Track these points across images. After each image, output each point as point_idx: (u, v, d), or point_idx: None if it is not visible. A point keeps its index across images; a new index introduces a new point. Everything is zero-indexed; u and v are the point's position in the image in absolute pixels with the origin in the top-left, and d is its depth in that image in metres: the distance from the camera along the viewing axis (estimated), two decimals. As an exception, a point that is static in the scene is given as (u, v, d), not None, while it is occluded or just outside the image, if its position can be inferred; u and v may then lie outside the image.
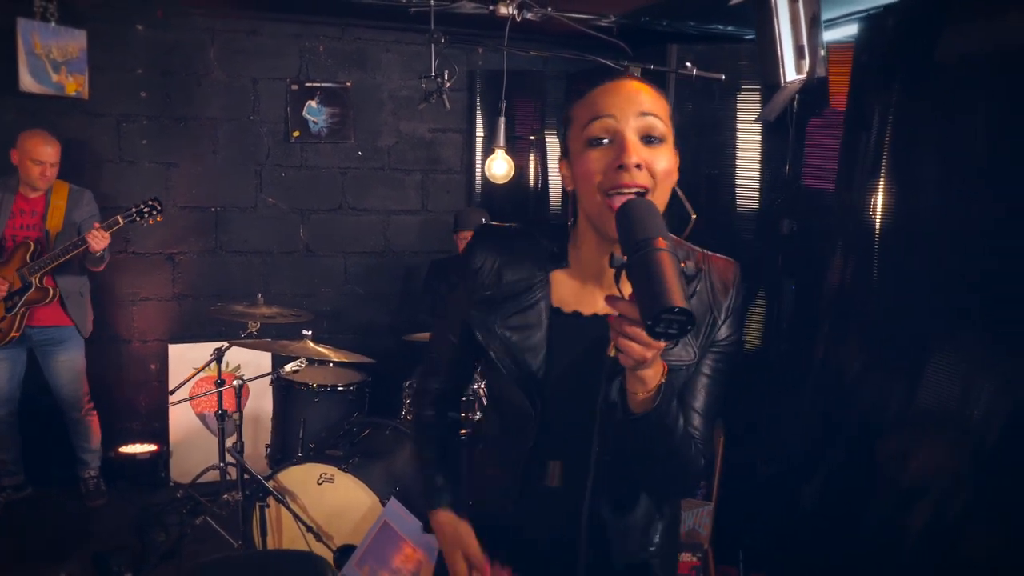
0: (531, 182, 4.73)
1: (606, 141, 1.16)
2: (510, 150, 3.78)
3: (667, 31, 4.04)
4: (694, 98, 3.60)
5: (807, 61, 2.86)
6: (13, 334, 3.58)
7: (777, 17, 2.93)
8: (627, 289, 1.02)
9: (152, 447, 4.16)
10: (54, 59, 3.87)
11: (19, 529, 3.61)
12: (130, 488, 4.02)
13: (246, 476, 3.20)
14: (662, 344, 1.02)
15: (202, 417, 4.21)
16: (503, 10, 3.76)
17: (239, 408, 3.35)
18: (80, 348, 3.82)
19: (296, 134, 4.39)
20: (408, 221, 4.69)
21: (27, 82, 3.79)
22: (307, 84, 4.38)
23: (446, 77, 3.54)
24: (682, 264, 1.07)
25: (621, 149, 1.14)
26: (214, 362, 3.44)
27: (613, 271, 1.05)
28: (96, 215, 3.72)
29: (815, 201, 3.26)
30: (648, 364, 1.06)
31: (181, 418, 4.19)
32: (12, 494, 3.81)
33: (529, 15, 3.84)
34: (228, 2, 3.99)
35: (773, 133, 3.45)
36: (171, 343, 4.26)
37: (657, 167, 1.16)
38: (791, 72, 2.92)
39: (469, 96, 4.64)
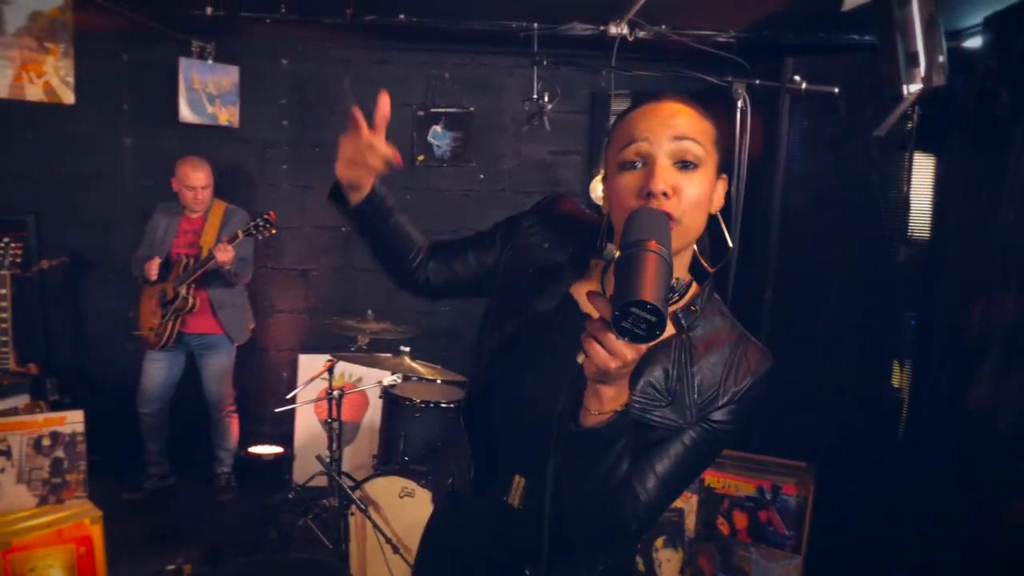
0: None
1: (639, 165, 1.13)
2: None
3: (794, 44, 3.79)
4: (812, 114, 3.35)
5: (922, 69, 2.56)
6: (169, 339, 3.99)
7: (894, 23, 2.66)
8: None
9: (278, 449, 4.46)
10: (210, 93, 4.31)
11: (157, 514, 4.00)
12: (258, 486, 4.32)
13: (348, 478, 3.36)
14: (628, 357, 0.96)
15: (323, 424, 4.45)
16: (613, 30, 3.71)
17: (339, 417, 3.51)
18: (228, 354, 4.17)
19: (421, 158, 4.58)
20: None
21: (185, 114, 4.25)
22: (432, 110, 4.55)
23: (546, 99, 3.54)
24: (675, 278, 1.02)
25: (650, 174, 1.11)
26: (327, 372, 3.65)
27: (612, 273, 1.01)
28: None
29: (947, 224, 2.91)
30: (611, 379, 1.00)
31: (306, 423, 4.46)
32: (158, 482, 4.24)
33: (641, 34, 3.76)
34: (361, 35, 4.24)
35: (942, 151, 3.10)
36: (301, 353, 4.55)
37: (687, 192, 1.11)
38: (907, 82, 2.63)
39: (590, 118, 4.61)
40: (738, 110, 2.87)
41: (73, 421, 3.08)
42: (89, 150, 4.48)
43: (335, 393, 3.43)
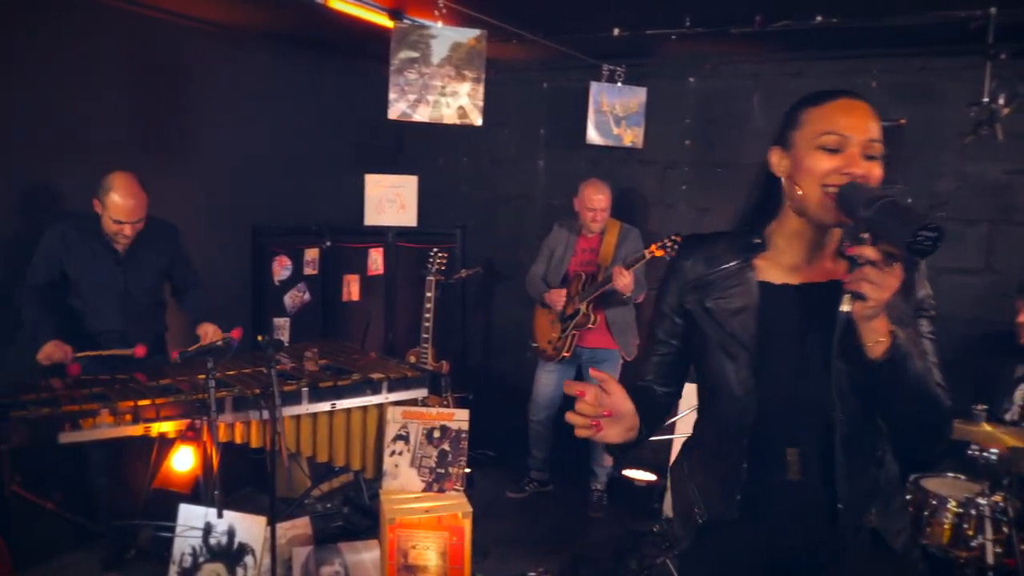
0: None
1: (837, 151, 1.36)
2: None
3: None
4: None
5: None
6: (565, 353, 4.14)
7: None
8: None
9: (652, 477, 4.32)
10: (616, 115, 4.39)
11: (532, 517, 4.16)
12: (629, 510, 4.23)
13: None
14: (895, 285, 1.20)
15: (698, 460, 4.20)
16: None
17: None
18: (615, 370, 4.18)
19: (834, 178, 4.06)
20: (965, 282, 3.85)
21: (592, 135, 4.38)
22: (854, 124, 4.00)
23: (1001, 102, 2.83)
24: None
25: (850, 161, 1.35)
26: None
27: (834, 247, 1.45)
28: (639, 250, 3.98)
29: None
30: (879, 309, 1.22)
31: (682, 456, 4.25)
32: (538, 487, 4.42)
33: None
34: (773, 45, 3.92)
35: None
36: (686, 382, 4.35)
37: (873, 176, 1.35)
38: None
39: (1070, 127, 3.59)
40: None
41: (460, 419, 3.32)
42: (510, 171, 4.91)
43: (705, 430, 3.16)
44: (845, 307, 1.24)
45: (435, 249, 4.39)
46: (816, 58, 4.03)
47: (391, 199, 5.00)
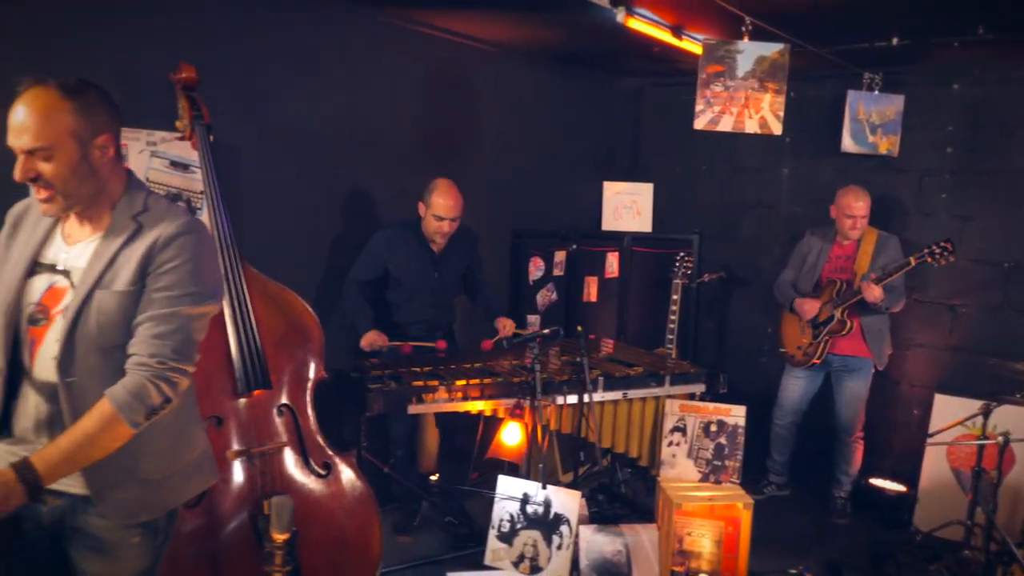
0: None
1: None
2: None
3: None
4: None
5: None
6: (815, 360, 4.17)
7: None
8: None
9: (901, 488, 4.28)
10: (872, 122, 4.39)
11: (775, 518, 4.22)
12: (873, 519, 4.21)
13: (993, 540, 3.07)
14: None
15: (956, 472, 4.10)
16: None
17: (999, 469, 3.21)
18: (867, 379, 4.16)
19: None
20: None
21: (847, 143, 4.40)
22: None
23: None
24: None
25: None
26: (979, 418, 3.38)
27: None
28: (898, 259, 3.95)
29: None
30: None
31: (934, 468, 4.17)
32: (776, 490, 4.48)
33: None
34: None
35: None
36: (937, 392, 4.28)
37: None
38: None
39: None
40: None
41: (737, 415, 3.49)
42: (751, 179, 5.01)
43: (999, 439, 3.14)
44: None
45: (682, 253, 4.57)
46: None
47: (627, 205, 5.24)
